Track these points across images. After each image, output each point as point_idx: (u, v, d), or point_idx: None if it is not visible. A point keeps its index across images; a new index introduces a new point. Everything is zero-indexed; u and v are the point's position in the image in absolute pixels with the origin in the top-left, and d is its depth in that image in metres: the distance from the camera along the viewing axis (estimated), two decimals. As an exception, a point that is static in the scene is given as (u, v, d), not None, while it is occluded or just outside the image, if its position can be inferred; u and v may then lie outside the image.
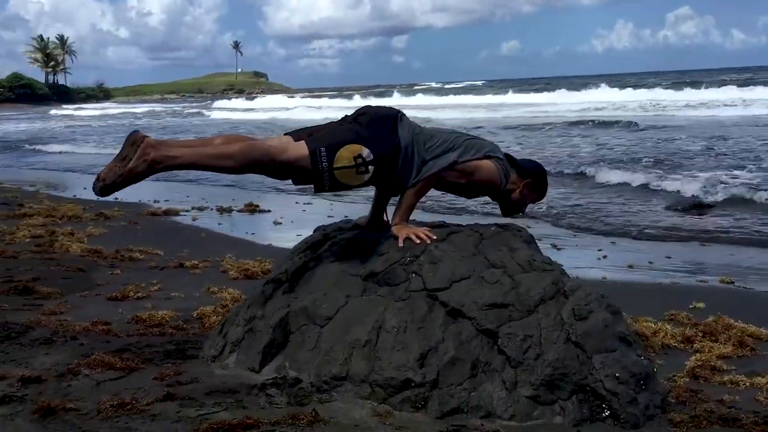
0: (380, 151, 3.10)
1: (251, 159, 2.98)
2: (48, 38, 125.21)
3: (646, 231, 7.99)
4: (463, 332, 2.80)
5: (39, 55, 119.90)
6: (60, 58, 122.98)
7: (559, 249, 7.04)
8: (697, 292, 5.13)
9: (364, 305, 2.97)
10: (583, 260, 6.59)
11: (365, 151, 3.07)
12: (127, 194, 11.39)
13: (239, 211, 9.75)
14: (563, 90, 43.81)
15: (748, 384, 3.13)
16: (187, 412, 2.52)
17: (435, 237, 3.20)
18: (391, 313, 2.88)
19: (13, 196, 10.56)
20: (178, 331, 3.75)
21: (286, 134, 3.23)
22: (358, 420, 2.53)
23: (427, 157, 3.23)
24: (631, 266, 6.25)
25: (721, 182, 10.40)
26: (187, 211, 9.62)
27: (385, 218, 3.53)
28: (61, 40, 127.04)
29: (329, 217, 7.88)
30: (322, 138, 3.10)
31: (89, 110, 62.07)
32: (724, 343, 3.66)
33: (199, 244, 6.98)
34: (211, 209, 9.86)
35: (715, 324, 3.94)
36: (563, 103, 34.24)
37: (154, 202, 10.67)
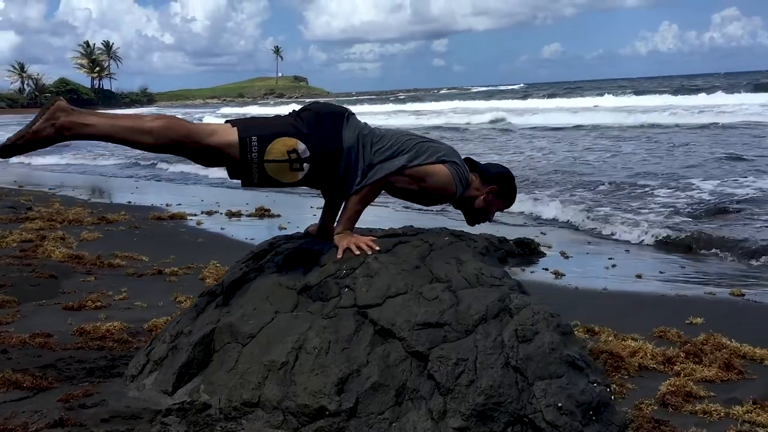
0: (317, 148, 2.84)
1: (172, 137, 2.74)
2: (94, 44, 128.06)
3: (665, 238, 7.56)
4: (391, 354, 2.52)
5: (85, 61, 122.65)
6: (105, 64, 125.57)
7: (567, 257, 6.69)
8: (700, 306, 4.76)
9: (289, 322, 2.71)
10: (590, 269, 6.24)
11: (301, 147, 2.82)
12: (140, 198, 11.55)
13: (249, 215, 9.56)
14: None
15: (722, 414, 2.78)
16: (70, 441, 2.30)
17: (378, 248, 2.93)
18: (315, 331, 2.61)
19: (26, 200, 10.56)
20: (120, 344, 3.54)
21: (226, 122, 3.00)
22: (259, 453, 2.28)
23: (375, 161, 2.96)
24: (639, 276, 5.88)
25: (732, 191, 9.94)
26: (195, 215, 9.47)
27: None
28: (107, 46, 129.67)
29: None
30: (256, 127, 2.86)
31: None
32: (709, 365, 3.30)
33: (191, 250, 6.81)
34: (221, 213, 9.69)
35: (703, 343, 3.58)
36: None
37: (166, 205, 10.57)
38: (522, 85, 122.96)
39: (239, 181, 2.93)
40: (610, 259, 6.60)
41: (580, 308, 4.79)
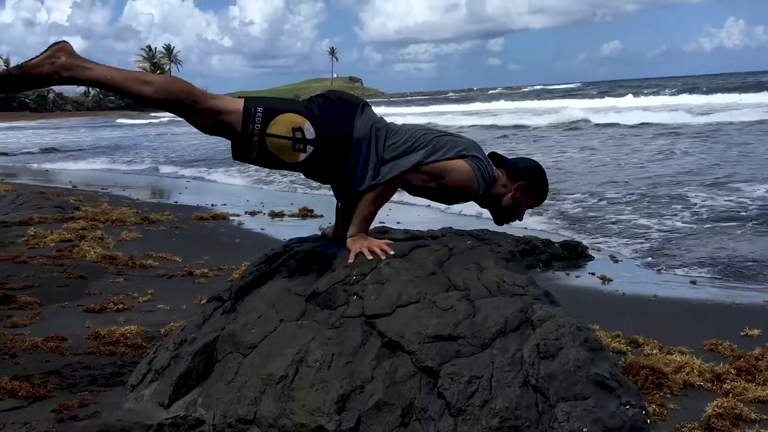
0: (325, 132, 2.66)
1: (172, 92, 2.60)
2: (156, 48, 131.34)
3: (725, 242, 7.09)
4: (399, 370, 2.30)
5: (147, 65, 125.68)
6: (167, 67, 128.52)
7: (617, 261, 6.36)
8: (758, 315, 4.39)
9: (293, 332, 2.52)
10: (640, 274, 5.89)
11: (307, 126, 2.64)
12: (187, 198, 11.57)
13: (292, 215, 9.44)
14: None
15: (776, 442, 2.48)
16: (50, 457, 2.16)
17: (392, 252, 2.72)
18: (317, 343, 2.41)
19: (75, 200, 10.68)
20: (132, 350, 3.41)
21: (239, 97, 2.85)
22: (248, 476, 2.09)
23: (387, 157, 2.75)
24: (693, 282, 5.51)
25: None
26: (238, 215, 9.41)
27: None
28: (168, 49, 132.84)
29: (380, 223, 7.39)
30: (265, 100, 2.71)
31: (149, 119, 63.78)
32: (763, 384, 2.98)
33: (226, 251, 6.71)
34: (264, 214, 9.61)
35: (757, 358, 3.25)
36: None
37: (211, 205, 10.56)
38: (578, 84, 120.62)
39: (280, 180, 2.76)
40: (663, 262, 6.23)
41: (626, 317, 4.48)
